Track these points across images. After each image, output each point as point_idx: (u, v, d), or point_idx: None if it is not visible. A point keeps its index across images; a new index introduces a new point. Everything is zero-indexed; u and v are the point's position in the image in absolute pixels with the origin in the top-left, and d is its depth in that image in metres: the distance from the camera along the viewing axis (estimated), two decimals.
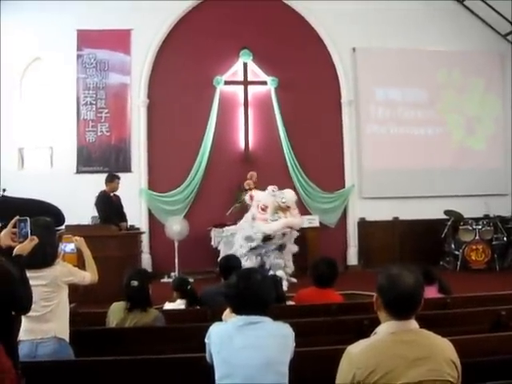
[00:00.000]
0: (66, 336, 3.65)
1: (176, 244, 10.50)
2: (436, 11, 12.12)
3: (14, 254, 2.85)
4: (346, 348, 2.33)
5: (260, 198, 8.54)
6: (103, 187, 8.91)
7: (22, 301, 2.62)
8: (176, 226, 10.45)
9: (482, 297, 5.24)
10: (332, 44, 11.90)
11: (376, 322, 3.90)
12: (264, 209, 8.31)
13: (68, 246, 3.97)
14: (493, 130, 12.35)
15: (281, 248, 8.50)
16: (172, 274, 10.39)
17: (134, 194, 11.10)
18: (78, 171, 11.20)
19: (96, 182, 9.98)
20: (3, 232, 2.91)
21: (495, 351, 3.40)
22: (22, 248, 2.90)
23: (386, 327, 2.30)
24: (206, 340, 2.88)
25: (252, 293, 2.81)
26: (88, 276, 3.95)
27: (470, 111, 12.24)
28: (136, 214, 10.81)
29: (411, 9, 11.95)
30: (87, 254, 4.10)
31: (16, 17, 10.83)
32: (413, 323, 2.32)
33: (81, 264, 4.09)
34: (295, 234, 8.67)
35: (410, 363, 2.18)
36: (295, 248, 8.86)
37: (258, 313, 2.80)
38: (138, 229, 9.96)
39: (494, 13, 11.94)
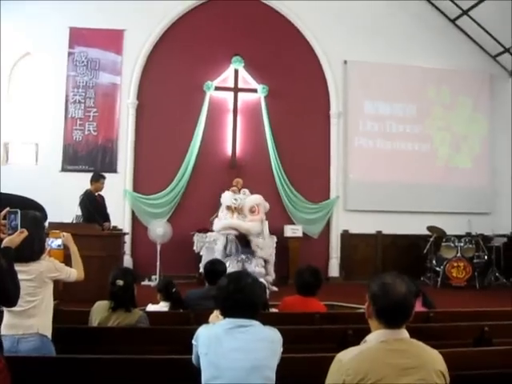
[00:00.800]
0: (49, 333, 3.59)
1: (158, 247, 10.45)
2: (428, 29, 12.27)
3: (2, 246, 2.81)
4: (336, 355, 2.32)
5: (222, 198, 8.78)
6: (88, 186, 8.84)
7: (10, 294, 2.58)
8: (159, 229, 10.41)
9: (464, 312, 5.27)
10: (324, 56, 11.97)
11: (360, 333, 3.90)
12: (223, 210, 8.60)
13: (55, 242, 3.90)
14: (479, 149, 12.49)
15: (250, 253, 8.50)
16: (153, 277, 10.35)
17: (119, 195, 11.05)
18: (63, 169, 11.11)
19: (81, 181, 9.90)
20: None
21: (478, 365, 3.41)
22: (11, 240, 2.86)
23: (377, 335, 2.30)
24: (193, 342, 2.85)
25: (242, 296, 2.79)
26: (74, 273, 3.90)
27: (458, 129, 12.37)
28: (119, 215, 10.77)
29: (404, 25, 12.15)
30: (74, 250, 4.05)
31: (9, 11, 10.72)
32: (404, 332, 2.31)
33: (66, 261, 4.03)
34: (257, 240, 8.55)
35: (400, 372, 2.18)
36: (269, 260, 8.88)
37: (248, 316, 2.78)
38: (120, 230, 9.89)
39: (484, 33, 12.09)
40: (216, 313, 3.25)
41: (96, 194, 8.77)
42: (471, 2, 11.58)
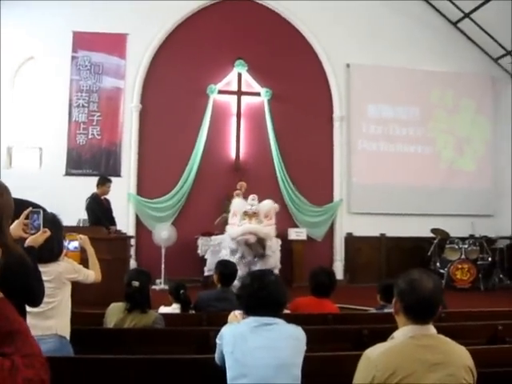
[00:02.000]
0: (67, 334, 3.60)
1: (163, 251, 10.45)
2: (430, 32, 12.33)
3: (25, 246, 2.81)
4: (363, 353, 2.33)
5: (234, 204, 8.84)
6: (92, 190, 8.84)
7: (36, 293, 2.57)
8: (164, 233, 10.41)
9: (476, 312, 5.28)
10: (327, 59, 12.01)
11: (375, 333, 3.94)
12: (235, 215, 8.62)
13: (71, 244, 3.90)
14: (482, 151, 12.53)
15: (262, 256, 8.54)
16: (157, 280, 10.32)
17: (123, 199, 11.04)
18: (67, 173, 11.11)
19: (85, 185, 9.92)
20: (15, 223, 2.86)
21: (494, 363, 3.41)
22: (35, 240, 2.86)
23: (405, 331, 2.30)
24: (217, 340, 2.86)
25: (266, 293, 2.80)
26: (92, 275, 3.91)
27: (461, 132, 12.41)
28: (123, 219, 10.73)
29: (406, 28, 12.20)
30: (91, 252, 4.06)
31: (12, 14, 10.75)
32: (431, 328, 2.32)
33: (83, 263, 4.04)
34: (271, 244, 8.70)
35: (429, 367, 2.19)
36: (276, 263, 8.93)
37: (272, 314, 2.79)
38: (124, 233, 9.89)
39: (486, 36, 12.14)
40: (235, 313, 3.25)
41: (102, 197, 8.77)
42: (473, 5, 11.63)
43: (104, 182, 8.83)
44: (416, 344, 2.25)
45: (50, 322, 3.46)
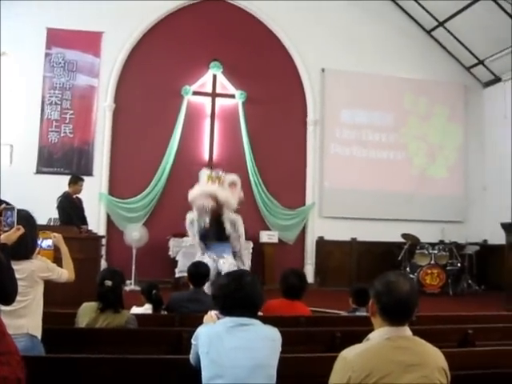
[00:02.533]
0: (39, 333, 3.54)
1: (134, 251, 10.38)
2: (405, 39, 12.51)
3: None
4: (340, 353, 2.34)
5: (200, 174, 8.89)
6: (63, 189, 8.74)
7: (9, 290, 2.54)
8: (135, 233, 10.35)
9: (446, 316, 5.34)
10: (302, 63, 12.08)
11: (348, 335, 3.96)
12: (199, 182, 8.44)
13: (45, 242, 3.85)
14: (453, 158, 12.71)
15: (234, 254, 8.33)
16: (128, 281, 10.22)
17: (94, 199, 10.92)
18: (38, 171, 10.97)
19: (56, 183, 9.83)
20: None
21: (464, 366, 3.46)
22: (8, 237, 2.83)
23: (381, 333, 2.32)
24: (192, 341, 2.85)
25: (243, 294, 2.80)
26: (65, 273, 3.86)
27: (433, 139, 12.59)
28: (94, 219, 10.66)
29: (382, 35, 12.36)
30: (65, 251, 4.01)
31: None
32: (407, 330, 2.35)
33: (56, 262, 3.98)
34: (233, 219, 7.86)
35: (404, 369, 2.21)
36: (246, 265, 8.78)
37: (248, 315, 2.79)
38: (95, 233, 9.80)
39: (459, 45, 12.33)
40: (211, 313, 3.24)
41: (74, 196, 8.67)
42: (447, 14, 11.79)
43: (76, 181, 8.72)
44: (392, 345, 2.27)
45: (22, 320, 3.40)
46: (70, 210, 8.47)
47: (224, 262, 8.11)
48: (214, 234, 7.76)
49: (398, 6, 12.58)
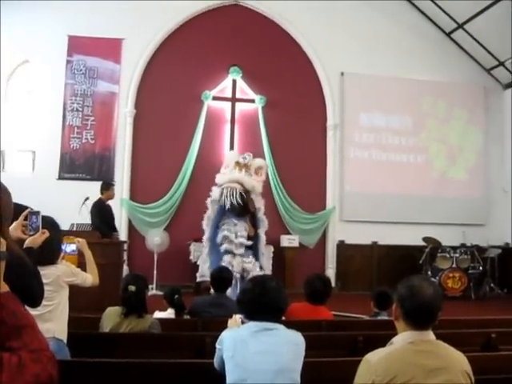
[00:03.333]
0: (65, 337, 3.59)
1: (155, 256, 10.43)
2: (424, 42, 12.44)
3: (24, 247, 2.82)
4: (364, 357, 2.35)
5: (227, 155, 9.21)
6: (85, 194, 8.85)
7: (35, 293, 2.58)
8: (157, 238, 10.40)
9: (468, 320, 5.31)
10: (321, 67, 12.07)
11: (370, 339, 3.95)
12: (227, 166, 8.78)
13: (69, 247, 3.90)
14: (474, 160, 12.62)
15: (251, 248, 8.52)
16: (150, 286, 10.29)
17: (116, 204, 10.94)
18: (60, 177, 11.09)
19: (78, 189, 9.99)
20: (14, 224, 2.87)
21: (489, 370, 3.45)
22: (34, 241, 2.88)
23: (405, 337, 2.33)
24: (217, 345, 2.87)
25: (267, 299, 2.82)
26: (90, 278, 3.91)
27: (453, 141, 12.51)
28: (116, 224, 10.75)
29: (401, 38, 12.31)
30: (89, 256, 4.06)
31: (8, 18, 10.72)
32: (430, 334, 2.35)
33: (80, 267, 4.04)
34: (257, 201, 8.62)
35: (428, 373, 2.21)
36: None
37: (272, 319, 2.80)
38: (117, 239, 9.88)
39: (479, 47, 12.25)
40: (235, 317, 3.26)
41: (106, 203, 8.78)
42: (466, 16, 11.73)
43: (108, 187, 8.87)
44: (415, 349, 2.27)
45: (48, 324, 3.44)
46: (103, 216, 8.58)
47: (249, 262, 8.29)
48: (235, 210, 8.32)
49: (416, 8, 12.53)
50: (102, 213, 8.64)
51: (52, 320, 3.49)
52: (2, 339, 1.68)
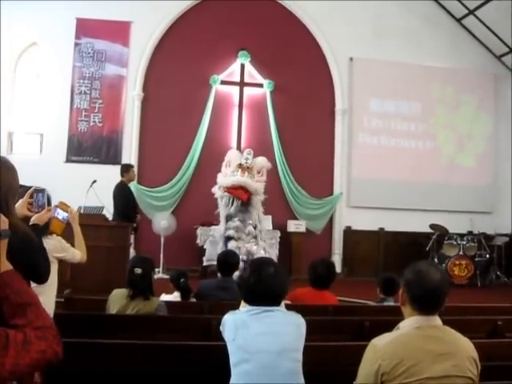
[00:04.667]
0: (52, 312, 3.59)
1: (162, 240, 10.46)
2: (434, 28, 12.33)
3: (30, 223, 2.85)
4: (371, 341, 2.35)
5: (229, 154, 9.12)
6: (93, 177, 8.87)
7: (42, 269, 2.60)
8: (163, 222, 10.41)
9: (475, 307, 5.31)
10: (330, 52, 11.99)
11: (376, 325, 3.96)
12: (228, 165, 8.86)
13: (60, 214, 3.71)
14: (483, 148, 12.54)
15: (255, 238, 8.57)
16: (156, 269, 10.32)
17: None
18: (68, 160, 11.10)
19: (85, 172, 10.03)
20: (19, 202, 2.90)
21: (495, 357, 3.45)
22: (39, 218, 2.91)
23: (411, 322, 2.33)
24: (220, 328, 2.88)
25: (263, 287, 2.80)
26: (78, 254, 3.90)
27: (462, 128, 12.42)
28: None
29: (410, 24, 12.20)
30: (77, 230, 3.99)
31: (16, 1, 10.69)
32: (437, 319, 2.35)
33: (63, 236, 3.94)
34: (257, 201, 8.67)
35: (434, 358, 2.21)
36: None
37: (271, 305, 2.80)
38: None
39: (490, 33, 12.14)
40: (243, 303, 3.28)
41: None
42: (478, 2, 11.61)
43: (128, 169, 9.04)
44: (422, 334, 2.27)
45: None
46: (126, 199, 8.76)
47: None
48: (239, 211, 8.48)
49: None
50: (125, 195, 8.78)
51: (40, 294, 3.48)
52: (7, 317, 1.70)
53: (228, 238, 8.52)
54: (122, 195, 8.71)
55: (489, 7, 11.49)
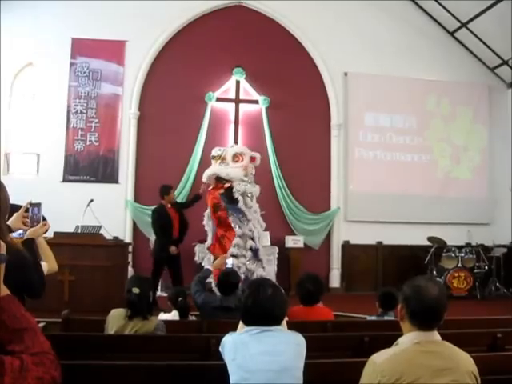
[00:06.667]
0: None
1: None
2: (428, 41, 12.40)
3: (25, 238, 2.84)
4: (370, 357, 2.35)
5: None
6: (90, 196, 8.88)
7: (35, 285, 2.59)
8: None
9: (475, 320, 5.30)
10: (324, 67, 12.05)
11: (376, 340, 3.94)
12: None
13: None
14: (478, 160, 12.57)
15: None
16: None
17: (120, 206, 11.07)
18: (65, 179, 11.10)
19: (82, 191, 10.04)
20: (14, 216, 2.89)
21: (495, 370, 3.43)
22: (35, 232, 2.89)
23: (410, 337, 2.33)
24: (220, 349, 2.87)
25: (260, 310, 2.80)
26: (45, 266, 3.81)
27: (457, 140, 12.46)
28: (121, 226, 10.86)
29: (404, 37, 12.28)
30: (40, 241, 3.83)
31: (11, 21, 10.76)
32: (436, 334, 2.35)
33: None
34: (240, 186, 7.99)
35: (434, 373, 2.21)
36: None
37: (269, 326, 2.80)
38: (121, 240, 9.91)
39: (483, 46, 12.22)
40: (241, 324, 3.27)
41: (169, 206, 8.89)
42: (470, 15, 11.69)
43: (169, 191, 8.97)
44: (421, 350, 2.27)
45: None
46: (163, 223, 8.71)
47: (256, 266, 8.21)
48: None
49: (419, 7, 12.49)
50: (164, 220, 8.71)
51: None
52: (3, 343, 1.68)
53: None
54: (158, 219, 8.77)
55: (481, 20, 11.56)
